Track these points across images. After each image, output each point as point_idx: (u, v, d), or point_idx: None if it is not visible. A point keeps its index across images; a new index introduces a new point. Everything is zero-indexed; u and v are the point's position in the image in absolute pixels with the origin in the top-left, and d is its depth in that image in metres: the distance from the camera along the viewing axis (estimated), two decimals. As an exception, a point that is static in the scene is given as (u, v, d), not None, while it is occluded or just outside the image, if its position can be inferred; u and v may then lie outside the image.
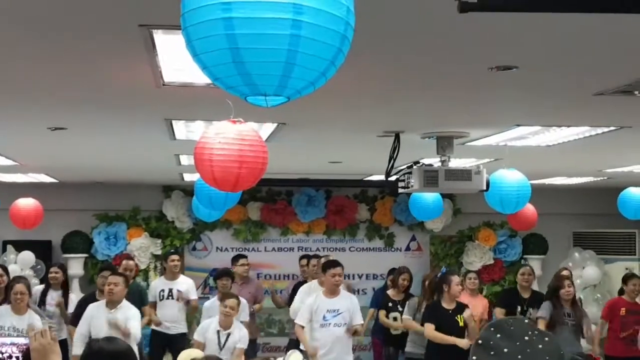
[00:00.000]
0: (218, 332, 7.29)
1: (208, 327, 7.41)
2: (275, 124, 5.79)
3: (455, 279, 7.88)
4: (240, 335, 7.36)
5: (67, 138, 6.35)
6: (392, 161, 6.24)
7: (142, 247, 11.15)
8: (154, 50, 3.54)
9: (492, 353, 1.88)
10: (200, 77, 4.23)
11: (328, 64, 2.00)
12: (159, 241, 11.35)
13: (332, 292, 7.62)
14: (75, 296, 9.35)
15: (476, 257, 11.73)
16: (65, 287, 8.81)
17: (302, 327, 7.57)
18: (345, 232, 11.80)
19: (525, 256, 11.78)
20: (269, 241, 11.77)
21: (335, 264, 7.80)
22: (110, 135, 6.45)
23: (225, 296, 7.61)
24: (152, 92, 4.46)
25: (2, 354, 2.71)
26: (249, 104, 4.17)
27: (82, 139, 6.58)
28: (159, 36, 3.33)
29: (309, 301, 7.71)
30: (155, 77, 4.09)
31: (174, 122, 5.73)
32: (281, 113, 5.28)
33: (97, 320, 7.17)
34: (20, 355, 2.72)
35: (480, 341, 1.93)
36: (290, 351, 5.86)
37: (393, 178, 6.48)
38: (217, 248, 11.66)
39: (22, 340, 2.74)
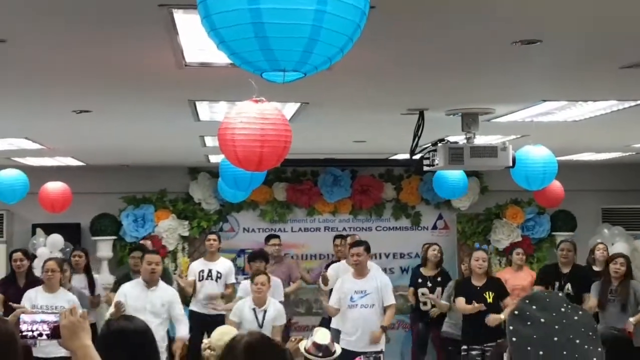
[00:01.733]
0: (254, 309, 7.40)
1: (243, 307, 7.50)
2: (299, 104, 5.78)
3: (476, 254, 8.00)
4: (276, 312, 7.47)
5: (92, 121, 6.38)
6: (416, 139, 6.20)
7: (169, 228, 11.21)
8: (174, 30, 3.54)
9: (528, 323, 1.89)
10: (222, 57, 4.23)
11: (347, 40, 1.99)
12: (186, 223, 11.40)
13: (359, 273, 7.63)
14: (99, 277, 9.48)
15: (504, 235, 11.66)
16: (87, 271, 8.88)
17: (335, 308, 7.66)
18: (371, 211, 11.78)
19: (553, 233, 11.70)
20: (296, 222, 11.78)
21: (353, 244, 7.84)
22: (134, 117, 6.47)
23: (254, 274, 7.68)
24: (174, 73, 4.46)
25: (33, 331, 2.73)
26: (272, 84, 4.18)
27: (106, 121, 6.62)
28: (179, 16, 3.33)
29: (337, 284, 7.74)
30: (177, 57, 4.09)
31: (197, 103, 5.73)
32: (304, 92, 5.26)
33: (136, 302, 7.14)
34: (49, 332, 2.73)
35: (516, 312, 1.93)
36: (317, 328, 5.88)
37: (418, 156, 6.45)
38: (244, 229, 11.68)
39: (52, 318, 2.75)
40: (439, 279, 9.36)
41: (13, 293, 8.12)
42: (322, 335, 5.53)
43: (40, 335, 2.74)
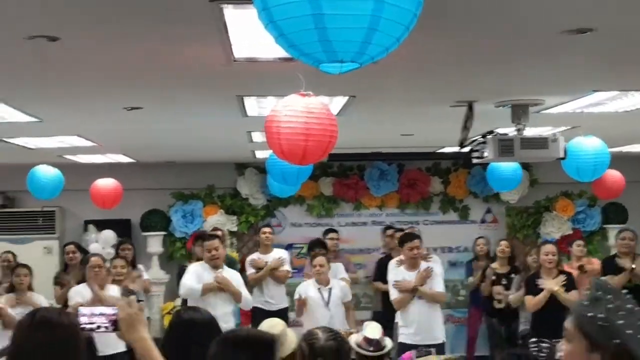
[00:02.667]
0: (319, 289, 7.59)
1: (308, 286, 7.70)
2: (346, 97, 5.78)
3: (545, 248, 7.68)
4: (342, 290, 7.69)
5: (142, 117, 6.45)
6: (465, 131, 6.15)
7: (218, 224, 11.28)
8: (224, 26, 3.56)
9: (623, 313, 1.91)
10: (270, 52, 4.26)
11: (404, 30, 2.00)
12: (235, 218, 11.48)
13: (413, 265, 7.60)
14: (150, 272, 9.60)
15: (554, 228, 11.51)
16: (133, 264, 8.98)
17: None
18: (418, 205, 11.73)
19: (604, 226, 11.52)
20: (342, 216, 11.78)
21: (412, 237, 7.77)
22: (184, 113, 6.53)
23: (313, 257, 7.91)
24: (223, 69, 4.50)
25: (92, 324, 2.78)
26: (320, 78, 4.18)
27: (157, 118, 6.69)
28: (229, 11, 3.35)
29: (390, 278, 7.72)
30: (226, 53, 4.12)
31: (245, 98, 5.77)
32: (352, 86, 5.26)
33: (203, 282, 7.22)
34: (108, 324, 2.78)
35: (588, 300, 1.93)
36: (367, 322, 5.87)
37: (467, 149, 6.40)
38: (292, 224, 11.72)
39: (110, 311, 2.80)
40: (512, 275, 8.94)
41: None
42: (373, 330, 5.51)
43: (99, 327, 2.79)
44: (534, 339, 7.55)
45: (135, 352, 2.76)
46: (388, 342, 5.71)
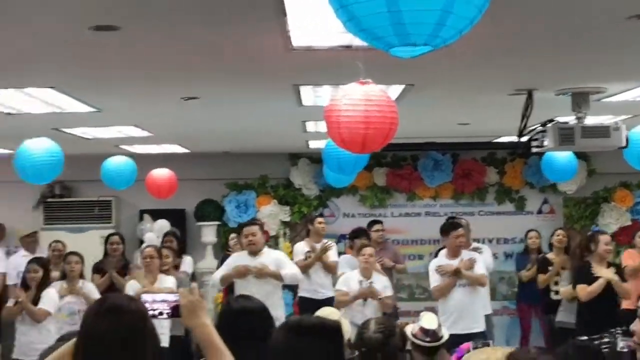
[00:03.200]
0: (360, 282, 7.56)
1: (350, 278, 7.66)
2: (403, 86, 5.73)
3: (604, 238, 7.55)
4: (383, 283, 7.63)
5: (198, 107, 6.48)
6: (524, 120, 6.05)
7: (271, 214, 11.33)
8: (283, 13, 3.54)
9: None
10: (329, 40, 4.23)
11: (477, 12, 1.96)
12: (287, 208, 11.50)
13: (455, 253, 7.58)
14: (190, 259, 9.69)
15: (612, 219, 11.29)
16: (180, 254, 9.05)
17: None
18: (473, 196, 11.60)
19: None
20: (396, 207, 11.71)
21: (456, 225, 7.76)
22: (239, 103, 6.55)
23: (362, 246, 7.85)
24: (281, 58, 4.49)
25: (154, 310, 2.80)
26: (378, 66, 4.14)
27: (212, 108, 6.72)
28: (289, -1, 3.33)
29: (432, 265, 7.71)
30: (284, 41, 4.10)
31: (301, 87, 5.75)
32: (410, 74, 5.22)
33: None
34: (170, 310, 2.80)
35: None
36: (423, 312, 5.82)
37: (526, 138, 6.30)
38: (344, 214, 11.69)
39: (171, 297, 2.82)
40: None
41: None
42: (429, 320, 5.45)
43: (161, 314, 2.81)
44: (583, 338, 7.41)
45: (196, 338, 2.77)
46: (445, 333, 5.65)
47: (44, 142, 6.48)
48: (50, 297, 7.24)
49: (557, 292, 8.78)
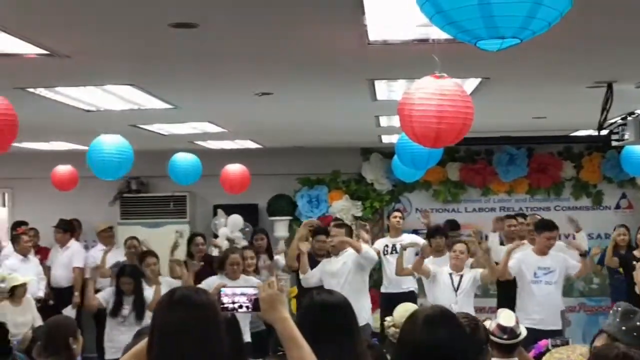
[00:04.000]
0: (450, 274, 7.70)
1: (442, 272, 7.78)
2: (479, 80, 5.65)
3: None
4: (474, 275, 7.73)
5: (272, 103, 6.52)
6: (604, 113, 5.90)
7: (343, 209, 11.34)
8: (361, 8, 3.53)
9: None
10: (405, 34, 4.20)
11: (568, 3, 1.91)
12: (359, 203, 11.49)
13: (543, 252, 7.51)
14: (281, 257, 9.71)
15: (693, 214, 10.99)
16: (269, 251, 9.12)
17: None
18: (549, 191, 11.39)
19: None
20: (469, 202, 11.59)
21: (550, 226, 7.66)
22: (313, 98, 6.56)
23: (454, 243, 7.98)
24: (357, 52, 4.48)
25: (234, 303, 2.82)
26: (454, 60, 4.09)
27: (286, 103, 6.74)
28: (368, -7, 3.32)
29: (518, 255, 7.65)
30: (361, 36, 4.09)
31: (376, 82, 5.73)
32: (487, 67, 5.15)
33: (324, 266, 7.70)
34: (250, 304, 2.81)
35: None
36: (501, 309, 5.74)
37: (605, 131, 6.16)
38: (417, 209, 11.61)
39: (251, 291, 2.83)
40: None
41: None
42: (507, 317, 5.37)
43: (241, 307, 2.82)
44: None
45: (276, 331, 2.77)
46: (523, 330, 5.56)
47: (114, 139, 6.60)
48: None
49: None
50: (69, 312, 9.11)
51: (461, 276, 7.68)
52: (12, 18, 3.62)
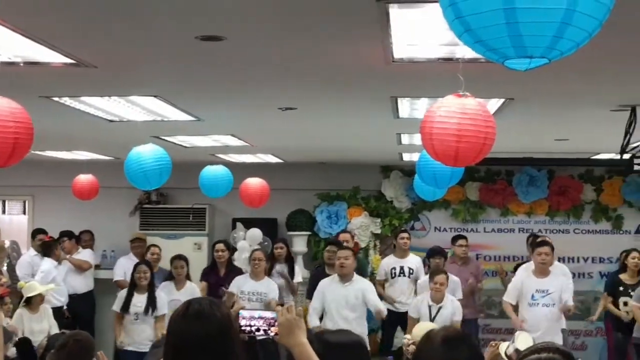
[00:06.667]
0: (430, 306, 7.62)
1: (421, 303, 7.72)
2: (502, 100, 5.64)
3: None
4: (453, 309, 7.66)
5: (295, 118, 6.54)
6: (628, 136, 5.88)
7: (362, 225, 11.33)
8: (387, 25, 3.54)
9: None
10: (430, 52, 4.21)
11: (598, 24, 1.92)
12: (379, 220, 11.48)
13: (541, 271, 7.52)
14: (299, 267, 9.80)
15: None
16: (289, 260, 9.30)
17: (510, 304, 7.72)
18: (569, 213, 11.33)
19: None
20: (488, 222, 11.54)
21: (542, 243, 7.67)
22: (336, 114, 6.57)
23: (434, 273, 7.86)
24: (381, 69, 4.49)
25: (251, 326, 2.81)
26: (479, 79, 4.09)
27: (309, 118, 6.76)
28: (394, 11, 3.33)
29: (516, 279, 7.66)
30: (386, 53, 4.10)
31: (399, 99, 5.74)
32: (511, 88, 5.15)
33: (331, 294, 7.53)
34: (267, 328, 2.81)
35: None
36: (518, 332, 5.70)
37: (627, 155, 6.13)
38: (436, 228, 11.59)
39: (269, 315, 2.83)
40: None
41: (214, 281, 8.63)
42: (524, 341, 5.35)
43: (258, 330, 2.82)
44: None
45: (294, 356, 2.76)
46: (541, 354, 5.52)
47: (150, 148, 6.63)
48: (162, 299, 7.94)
49: (627, 313, 8.62)
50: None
51: (440, 308, 7.61)
52: (41, 27, 3.66)
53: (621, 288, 8.83)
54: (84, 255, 10.43)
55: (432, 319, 7.45)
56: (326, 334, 3.31)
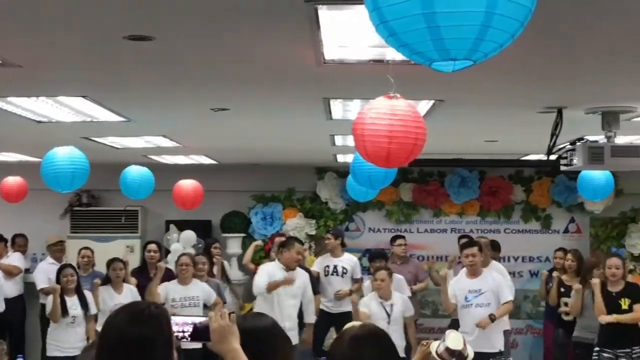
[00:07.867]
0: (381, 303, 7.62)
1: (370, 301, 7.72)
2: (432, 102, 5.72)
3: (609, 262, 7.56)
4: (404, 305, 7.74)
5: (228, 119, 6.51)
6: (554, 138, 6.02)
7: (297, 227, 11.34)
8: (317, 26, 3.55)
9: None
10: (361, 54, 4.24)
11: (519, 26, 1.97)
12: (313, 222, 11.51)
13: (472, 272, 7.57)
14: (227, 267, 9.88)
15: (639, 240, 11.18)
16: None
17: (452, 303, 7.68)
18: (499, 213, 11.54)
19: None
20: (422, 222, 11.68)
21: (467, 244, 7.73)
22: (269, 115, 6.57)
23: (375, 270, 7.95)
24: (312, 71, 4.50)
25: (184, 332, 2.78)
26: (409, 81, 4.13)
27: (242, 119, 6.74)
28: (324, 12, 3.34)
29: (452, 281, 7.72)
30: (317, 54, 4.12)
31: (331, 101, 5.76)
32: (441, 90, 5.21)
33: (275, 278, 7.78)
34: (192, 333, 2.77)
35: None
36: (449, 331, 5.79)
37: (554, 156, 6.27)
38: (370, 229, 11.69)
39: (201, 320, 2.80)
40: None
41: (144, 283, 8.50)
42: (455, 340, 5.44)
43: (185, 338, 2.79)
44: (597, 349, 7.47)
45: None
46: (470, 352, 5.62)
47: (68, 151, 6.51)
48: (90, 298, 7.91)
49: (567, 314, 8.70)
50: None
51: (392, 305, 7.67)
52: (-36, 25, 3.57)
53: (562, 289, 8.82)
54: (13, 259, 10.21)
55: (389, 317, 7.54)
56: (239, 321, 3.24)
